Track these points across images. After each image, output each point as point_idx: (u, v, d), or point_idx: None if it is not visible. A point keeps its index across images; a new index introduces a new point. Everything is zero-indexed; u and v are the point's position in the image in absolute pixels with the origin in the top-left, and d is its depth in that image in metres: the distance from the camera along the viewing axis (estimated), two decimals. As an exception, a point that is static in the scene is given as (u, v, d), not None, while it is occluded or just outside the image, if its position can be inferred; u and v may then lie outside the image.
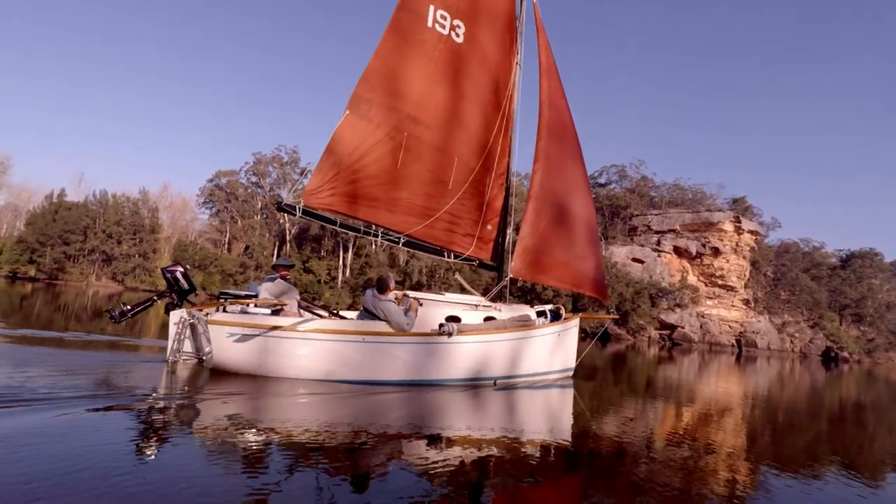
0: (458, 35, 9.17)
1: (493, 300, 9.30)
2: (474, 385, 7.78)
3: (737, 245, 47.58)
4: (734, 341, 45.75)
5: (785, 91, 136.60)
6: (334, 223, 7.96)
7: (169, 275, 7.24)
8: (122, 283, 54.94)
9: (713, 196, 54.61)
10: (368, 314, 7.50)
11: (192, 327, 6.97)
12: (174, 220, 71.07)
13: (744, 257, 48.01)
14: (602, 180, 58.66)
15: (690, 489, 3.94)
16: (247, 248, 58.15)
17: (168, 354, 6.93)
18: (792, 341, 47.58)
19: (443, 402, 6.62)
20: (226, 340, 6.89)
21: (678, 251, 48.79)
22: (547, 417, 6.75)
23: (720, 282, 47.70)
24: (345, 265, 54.39)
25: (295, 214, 7.39)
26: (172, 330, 6.92)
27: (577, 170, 10.52)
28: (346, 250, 54.90)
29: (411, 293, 8.30)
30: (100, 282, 54.96)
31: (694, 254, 48.02)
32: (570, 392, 8.61)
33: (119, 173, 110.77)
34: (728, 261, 47.49)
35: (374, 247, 52.87)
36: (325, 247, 57.03)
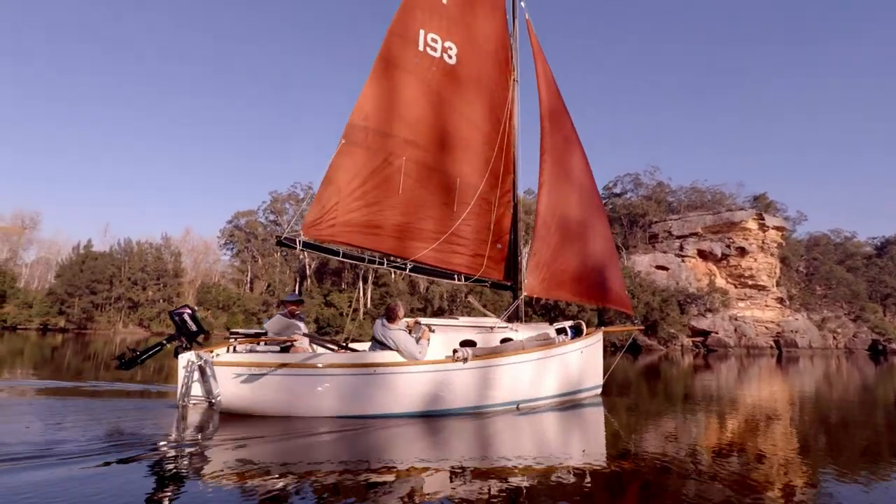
0: (450, 56, 9.06)
1: (509, 320, 9.00)
2: (496, 412, 7.46)
3: (763, 243, 46.24)
4: (772, 343, 44.11)
5: (795, 79, 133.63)
6: (337, 254, 7.76)
7: (177, 318, 7.12)
8: (148, 329, 55.79)
9: (733, 195, 53.60)
10: (379, 345, 7.25)
11: (201, 370, 6.81)
12: (197, 264, 72.28)
13: (772, 254, 46.59)
14: (617, 190, 58.04)
15: None
16: (269, 286, 58.68)
17: (178, 399, 6.78)
18: (835, 337, 45.65)
19: (464, 432, 6.33)
20: (233, 381, 6.69)
21: (703, 254, 47.63)
22: (579, 439, 6.36)
23: (750, 282, 46.30)
24: (365, 296, 54.37)
25: (294, 248, 7.21)
26: (181, 373, 6.80)
27: (584, 180, 10.25)
28: (365, 281, 54.97)
29: (423, 320, 8.05)
30: (126, 328, 55.87)
31: (719, 256, 46.82)
32: (601, 411, 8.26)
33: (143, 221, 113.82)
34: (756, 260, 46.13)
35: (393, 276, 52.83)
36: (345, 279, 57.24)
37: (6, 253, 65.13)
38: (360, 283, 54.84)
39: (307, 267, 61.42)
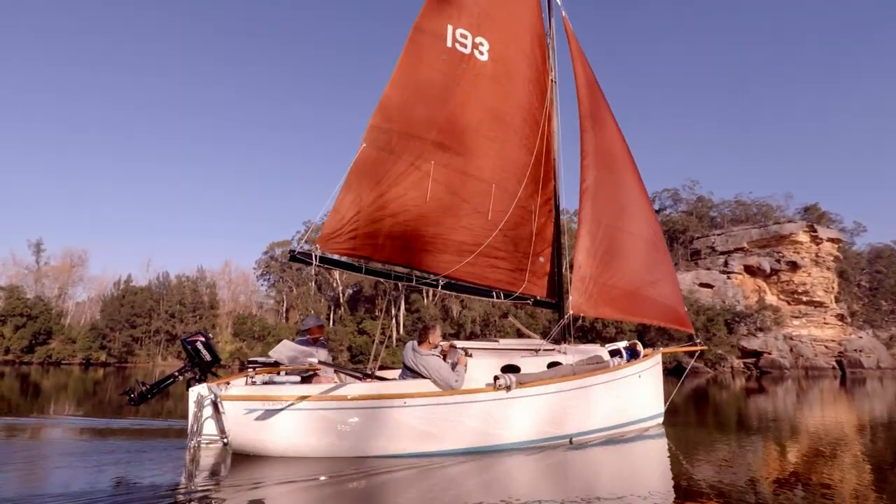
0: (482, 53, 8.29)
1: (555, 342, 7.98)
2: (545, 447, 6.59)
3: (817, 256, 43.45)
4: (834, 363, 40.97)
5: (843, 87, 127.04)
6: (359, 269, 6.92)
7: (189, 346, 6.44)
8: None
9: (781, 207, 50.81)
10: (410, 372, 6.44)
11: (214, 405, 6.04)
12: (235, 296, 73.24)
13: (828, 268, 43.67)
14: (655, 207, 56.02)
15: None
16: (301, 316, 58.66)
17: (189, 438, 6.03)
18: (906, 356, 42.04)
19: (511, 471, 5.67)
20: (245, 418, 5.85)
21: (750, 270, 45.07)
22: (645, 479, 5.58)
23: (804, 298, 43.36)
24: (398, 322, 53.58)
25: (310, 264, 6.41)
26: (191, 409, 6.06)
27: (631, 185, 9.22)
28: (398, 308, 54.27)
29: (458, 343, 7.14)
30: (165, 361, 56.60)
31: (768, 271, 44.20)
32: (664, 442, 7.43)
33: (185, 255, 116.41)
34: (810, 274, 43.29)
35: (426, 300, 51.99)
36: (378, 306, 56.68)
37: (56, 290, 67.38)
38: (393, 309, 54.16)
39: (340, 295, 61.23)
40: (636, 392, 7.96)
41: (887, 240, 56.22)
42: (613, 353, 8.23)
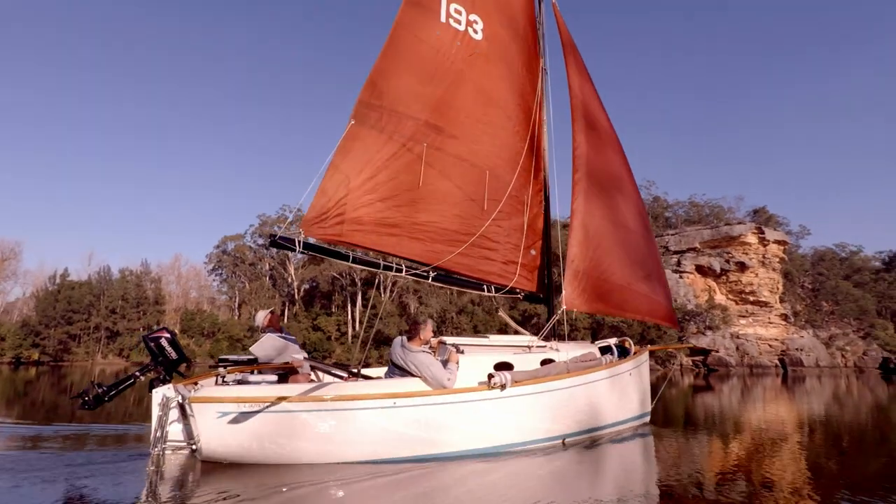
0: (476, 31, 7.83)
1: (546, 339, 7.64)
2: (539, 448, 6.33)
3: (764, 257, 45.32)
4: (777, 361, 42.85)
5: (792, 93, 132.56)
6: (346, 258, 6.31)
7: (152, 343, 5.82)
8: (127, 359, 53.53)
9: (732, 209, 52.80)
10: (398, 370, 6.04)
11: (181, 407, 5.47)
12: (185, 291, 69.88)
13: (774, 269, 45.61)
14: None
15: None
16: (254, 312, 56.55)
17: (151, 445, 5.36)
18: (843, 355, 44.31)
19: (506, 475, 5.35)
20: (216, 422, 5.23)
21: (701, 270, 46.58)
22: (652, 481, 5.28)
23: (751, 298, 45.16)
24: (353, 319, 52.51)
25: (294, 250, 5.78)
26: (155, 412, 5.43)
27: (623, 180, 9.05)
28: (353, 304, 53.19)
29: (448, 339, 6.76)
30: (105, 359, 53.47)
31: (718, 271, 45.78)
32: (651, 441, 7.30)
33: (130, 250, 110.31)
34: (757, 275, 45.11)
35: (383, 295, 51.16)
36: (335, 302, 55.37)
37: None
38: (349, 306, 53.04)
39: (296, 291, 59.46)
40: (629, 390, 7.82)
41: (830, 243, 59.85)
42: (604, 350, 8.00)
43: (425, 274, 6.93)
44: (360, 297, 52.98)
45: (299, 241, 5.84)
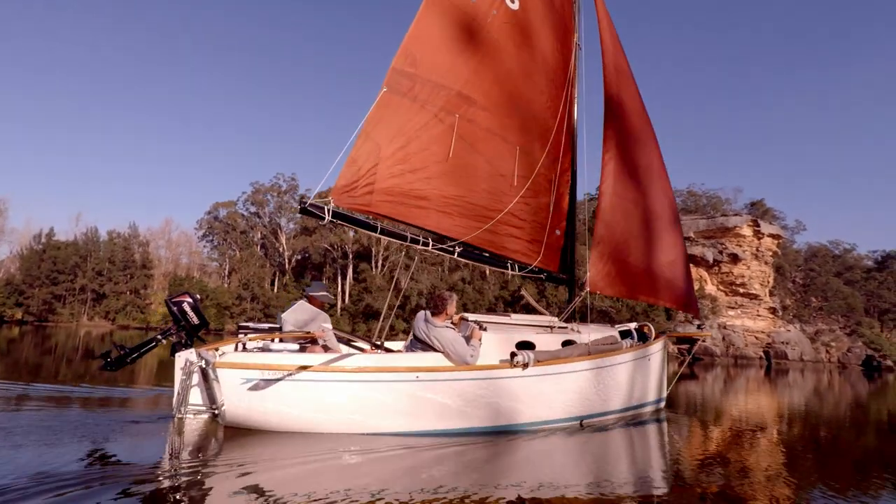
0: (513, 1, 7.47)
1: (567, 320, 7.56)
2: (556, 428, 6.34)
3: (757, 250, 45.62)
4: (762, 353, 43.52)
5: (801, 92, 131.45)
6: (374, 229, 6.10)
7: (175, 307, 5.76)
8: (112, 322, 52.99)
9: (729, 201, 52.74)
10: (420, 344, 5.99)
11: (203, 372, 5.36)
12: (175, 256, 69.07)
13: (766, 263, 45.96)
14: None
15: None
16: (246, 281, 56.02)
17: (174, 409, 5.43)
18: (828, 351, 45.02)
19: (522, 454, 5.30)
20: (240, 388, 5.20)
21: (694, 259, 46.72)
22: (670, 466, 5.24)
23: (742, 290, 45.59)
24: (343, 291, 52.28)
25: (323, 218, 5.57)
26: (178, 376, 5.42)
27: (654, 162, 8.83)
28: (344, 277, 52.89)
29: (471, 316, 6.69)
30: (91, 321, 52.95)
31: (711, 262, 46.07)
32: (665, 426, 7.38)
33: (121, 212, 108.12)
34: (749, 267, 45.46)
35: (374, 269, 50.94)
36: (326, 274, 55.02)
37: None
38: (339, 279, 52.75)
39: (287, 261, 58.99)
40: (648, 375, 7.81)
41: (824, 239, 60.28)
42: (624, 335, 7.97)
43: (451, 249, 6.74)
44: (350, 271, 52.68)
45: (328, 209, 5.62)
